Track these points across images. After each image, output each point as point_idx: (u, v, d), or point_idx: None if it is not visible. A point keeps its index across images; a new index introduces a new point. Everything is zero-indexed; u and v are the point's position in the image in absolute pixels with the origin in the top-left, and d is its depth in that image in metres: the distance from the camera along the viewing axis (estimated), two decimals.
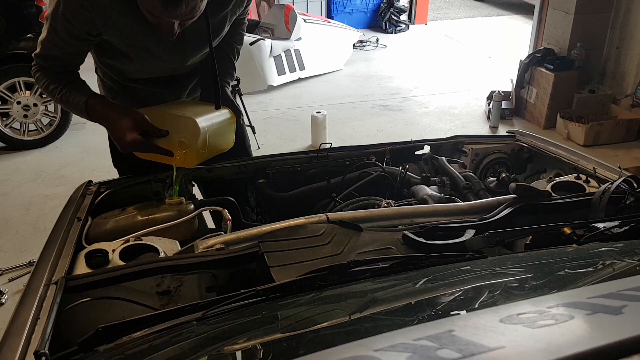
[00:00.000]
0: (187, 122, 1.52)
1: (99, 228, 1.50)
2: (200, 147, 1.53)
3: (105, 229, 1.49)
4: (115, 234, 1.45)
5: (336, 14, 8.10)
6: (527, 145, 1.99)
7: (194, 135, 1.51)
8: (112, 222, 1.50)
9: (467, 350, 0.55)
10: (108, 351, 0.88)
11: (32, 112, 4.32)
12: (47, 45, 1.50)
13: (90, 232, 1.48)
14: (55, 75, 1.56)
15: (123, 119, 1.49)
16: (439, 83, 6.08)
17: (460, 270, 1.06)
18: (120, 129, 1.49)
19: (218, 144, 1.64)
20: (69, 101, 1.54)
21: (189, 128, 1.51)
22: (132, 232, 1.43)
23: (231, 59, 1.85)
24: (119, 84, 1.75)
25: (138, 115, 1.51)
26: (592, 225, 1.27)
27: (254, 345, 0.82)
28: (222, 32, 1.71)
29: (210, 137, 1.56)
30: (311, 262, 1.18)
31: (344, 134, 4.49)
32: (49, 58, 1.53)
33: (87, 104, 1.53)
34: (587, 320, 0.62)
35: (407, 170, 1.81)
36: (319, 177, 1.86)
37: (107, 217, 1.53)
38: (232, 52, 1.86)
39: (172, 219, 1.49)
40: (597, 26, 4.80)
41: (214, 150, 1.63)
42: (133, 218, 1.51)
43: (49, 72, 1.56)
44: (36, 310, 1.04)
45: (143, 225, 1.47)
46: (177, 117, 1.54)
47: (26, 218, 3.49)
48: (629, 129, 4.53)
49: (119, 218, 1.52)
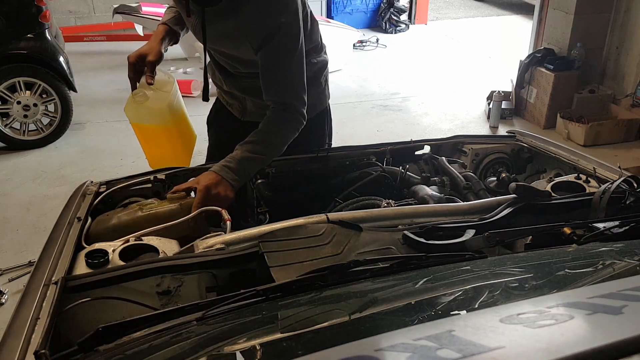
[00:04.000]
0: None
1: (102, 225, 1.50)
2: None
3: (108, 226, 1.49)
4: (118, 230, 1.45)
5: (336, 14, 8.09)
6: (527, 145, 1.99)
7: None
8: (115, 219, 1.51)
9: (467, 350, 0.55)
10: (108, 351, 0.88)
11: (32, 112, 4.32)
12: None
13: (93, 229, 1.49)
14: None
15: (146, 44, 1.76)
16: (439, 83, 6.08)
17: (460, 270, 1.06)
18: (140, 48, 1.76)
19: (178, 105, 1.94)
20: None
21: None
22: (134, 227, 1.44)
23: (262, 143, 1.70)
24: None
25: (151, 51, 1.71)
26: (592, 225, 1.27)
27: (254, 345, 0.82)
28: (231, 46, 1.72)
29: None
30: (311, 262, 1.18)
31: (344, 134, 4.48)
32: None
33: (157, 27, 1.85)
34: (587, 320, 0.62)
35: (407, 170, 1.81)
36: (319, 177, 1.86)
37: (109, 215, 1.54)
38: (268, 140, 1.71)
39: (174, 213, 1.50)
40: (597, 26, 4.80)
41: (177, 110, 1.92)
42: (135, 214, 1.51)
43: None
44: (36, 310, 1.04)
45: (145, 221, 1.48)
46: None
47: (26, 218, 3.49)
48: (629, 129, 4.53)
49: (121, 214, 1.52)
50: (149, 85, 1.72)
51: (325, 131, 2.07)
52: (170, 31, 1.83)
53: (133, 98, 1.76)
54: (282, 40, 1.63)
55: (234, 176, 1.61)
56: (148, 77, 1.71)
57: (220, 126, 2.11)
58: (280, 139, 1.71)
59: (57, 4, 6.81)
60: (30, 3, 4.19)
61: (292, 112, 1.71)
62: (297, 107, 1.71)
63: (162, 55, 1.75)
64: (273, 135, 1.70)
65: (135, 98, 1.76)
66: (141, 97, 1.75)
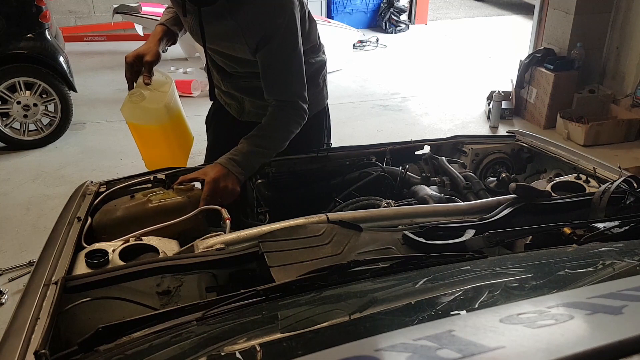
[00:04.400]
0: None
1: (109, 216, 1.49)
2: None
3: (116, 217, 1.48)
4: (127, 221, 1.45)
5: (336, 14, 8.09)
6: (527, 145, 1.99)
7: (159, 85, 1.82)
8: (123, 210, 1.50)
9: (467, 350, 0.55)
10: (108, 351, 0.88)
11: (32, 112, 4.31)
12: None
13: (99, 220, 1.48)
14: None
15: (144, 45, 1.77)
16: (439, 83, 6.08)
17: (460, 270, 1.06)
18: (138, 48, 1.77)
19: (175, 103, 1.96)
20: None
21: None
22: (143, 220, 1.43)
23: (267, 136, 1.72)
24: None
25: (149, 51, 1.72)
26: (592, 225, 1.27)
27: (254, 345, 0.82)
28: (228, 46, 1.71)
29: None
30: (311, 262, 1.18)
31: (344, 134, 4.48)
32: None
33: (156, 27, 1.86)
34: (587, 320, 0.62)
35: (407, 170, 1.81)
36: (319, 177, 1.86)
37: (117, 205, 1.52)
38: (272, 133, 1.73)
39: (182, 206, 1.50)
40: (597, 26, 4.80)
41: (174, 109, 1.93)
42: (144, 205, 1.50)
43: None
44: (36, 310, 1.04)
45: (154, 213, 1.48)
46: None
47: (26, 218, 3.49)
48: (629, 129, 4.53)
49: (129, 205, 1.51)
50: (146, 85, 1.72)
51: (323, 131, 2.07)
52: (168, 31, 1.84)
53: (130, 98, 1.77)
54: (281, 41, 1.64)
55: (240, 169, 1.62)
56: (145, 77, 1.71)
57: (219, 126, 2.11)
58: (284, 134, 1.72)
59: (57, 4, 6.81)
60: (30, 3, 4.18)
61: (295, 108, 1.72)
62: (299, 103, 1.72)
63: (159, 56, 1.75)
64: (277, 131, 1.72)
65: (131, 98, 1.76)
66: (138, 97, 1.76)
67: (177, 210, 1.50)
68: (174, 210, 1.49)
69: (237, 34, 1.64)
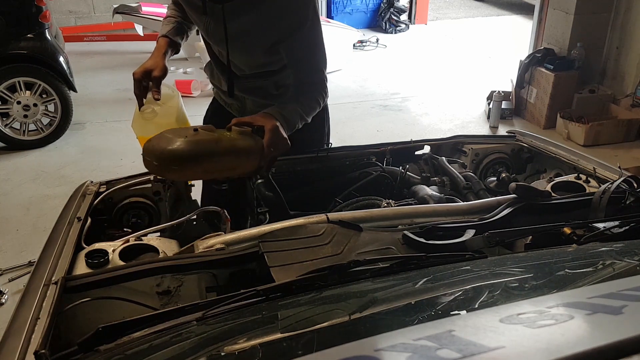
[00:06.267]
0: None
1: (166, 145, 1.36)
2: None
3: (182, 148, 1.36)
4: (196, 155, 1.38)
5: (336, 14, 8.09)
6: (527, 145, 1.99)
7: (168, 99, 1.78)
8: (190, 143, 1.37)
9: (467, 350, 0.55)
10: (108, 351, 0.88)
11: (32, 112, 4.32)
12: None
13: (153, 147, 1.38)
14: (171, 8, 1.92)
15: (149, 59, 1.75)
16: (439, 83, 6.08)
17: (460, 270, 1.06)
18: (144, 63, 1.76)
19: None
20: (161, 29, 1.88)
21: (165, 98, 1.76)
22: (215, 156, 1.40)
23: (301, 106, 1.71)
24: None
25: (156, 66, 1.71)
26: (592, 225, 1.27)
27: (254, 345, 0.82)
28: (248, 41, 1.70)
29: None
30: (311, 262, 1.18)
31: (344, 134, 4.48)
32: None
33: (158, 40, 1.84)
34: (587, 320, 0.62)
35: (407, 170, 1.81)
36: (319, 177, 1.86)
37: (172, 135, 1.39)
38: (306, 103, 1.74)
39: (250, 148, 1.46)
40: (597, 26, 4.80)
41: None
42: (216, 143, 1.41)
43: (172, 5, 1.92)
44: (36, 310, 1.04)
45: (225, 151, 1.42)
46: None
47: (26, 218, 3.49)
48: (629, 129, 4.53)
49: (199, 139, 1.39)
50: (156, 100, 1.71)
51: (324, 131, 2.07)
52: (171, 43, 1.84)
53: (141, 115, 1.74)
54: (311, 26, 1.66)
55: (286, 125, 1.58)
56: (155, 92, 1.70)
57: (217, 127, 2.10)
58: (312, 107, 1.74)
59: (57, 4, 6.81)
60: (30, 3, 4.19)
61: (322, 86, 1.76)
62: (324, 82, 1.77)
63: (166, 70, 1.74)
64: (306, 103, 1.71)
65: (144, 115, 1.73)
66: (150, 114, 1.74)
67: (245, 153, 1.45)
68: (242, 153, 1.44)
69: (263, 26, 1.64)
